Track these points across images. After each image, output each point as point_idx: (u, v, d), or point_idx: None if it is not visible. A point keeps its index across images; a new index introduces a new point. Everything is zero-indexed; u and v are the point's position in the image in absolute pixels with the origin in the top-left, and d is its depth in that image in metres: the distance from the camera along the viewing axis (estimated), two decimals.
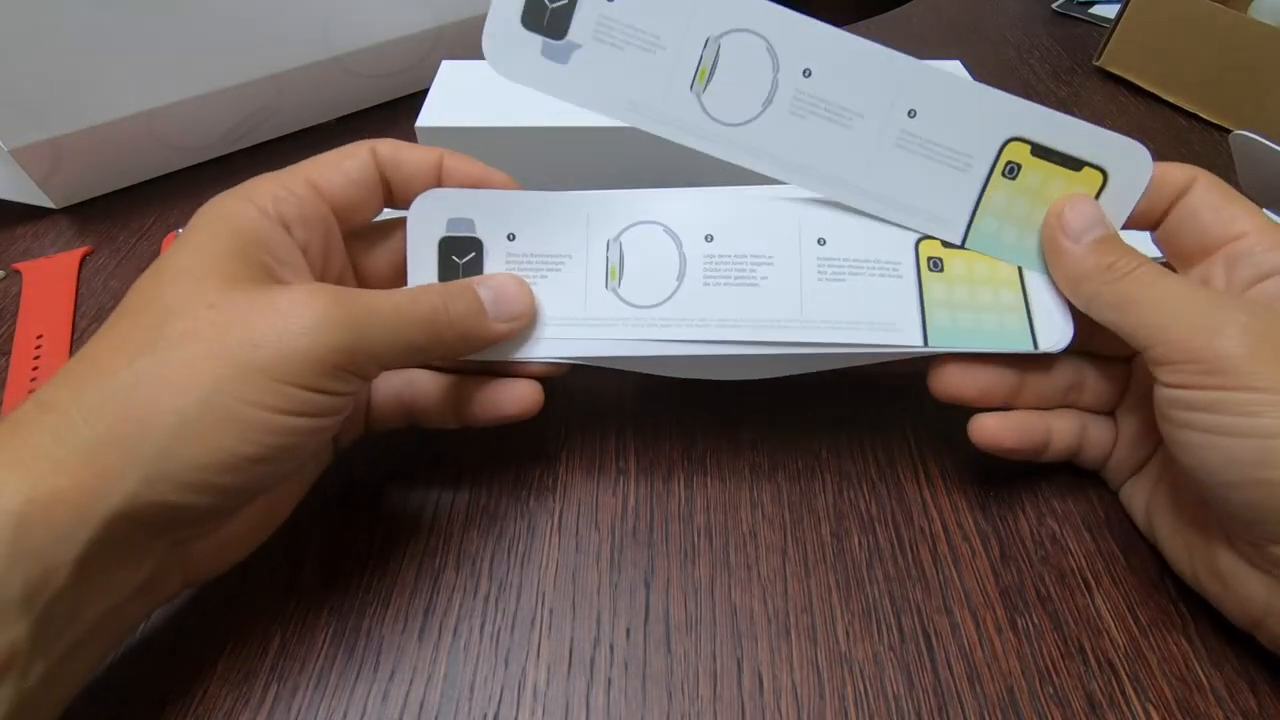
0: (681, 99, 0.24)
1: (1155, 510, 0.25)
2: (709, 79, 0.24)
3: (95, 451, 0.18)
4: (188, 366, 0.19)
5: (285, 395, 0.19)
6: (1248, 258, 0.23)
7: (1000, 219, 0.25)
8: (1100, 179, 0.25)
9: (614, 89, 0.24)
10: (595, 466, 0.28)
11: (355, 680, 0.23)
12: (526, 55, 0.24)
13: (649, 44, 0.24)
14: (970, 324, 0.25)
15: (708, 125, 0.25)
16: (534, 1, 0.24)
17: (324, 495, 0.26)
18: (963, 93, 0.24)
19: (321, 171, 0.24)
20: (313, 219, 0.23)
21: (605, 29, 0.24)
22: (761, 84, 0.24)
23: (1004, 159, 0.25)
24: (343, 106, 0.48)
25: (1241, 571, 0.22)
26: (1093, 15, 0.61)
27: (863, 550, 0.26)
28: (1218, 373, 0.20)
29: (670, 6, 0.24)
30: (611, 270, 0.25)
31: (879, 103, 0.25)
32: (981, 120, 0.25)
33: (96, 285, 0.37)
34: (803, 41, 0.24)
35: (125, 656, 0.23)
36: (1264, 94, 0.45)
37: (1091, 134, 0.24)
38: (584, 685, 0.23)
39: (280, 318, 0.19)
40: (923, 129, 0.25)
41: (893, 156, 0.25)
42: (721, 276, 0.25)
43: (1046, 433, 0.26)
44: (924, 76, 0.24)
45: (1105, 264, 0.23)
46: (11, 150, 0.36)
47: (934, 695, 0.22)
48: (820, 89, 0.25)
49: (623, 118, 0.24)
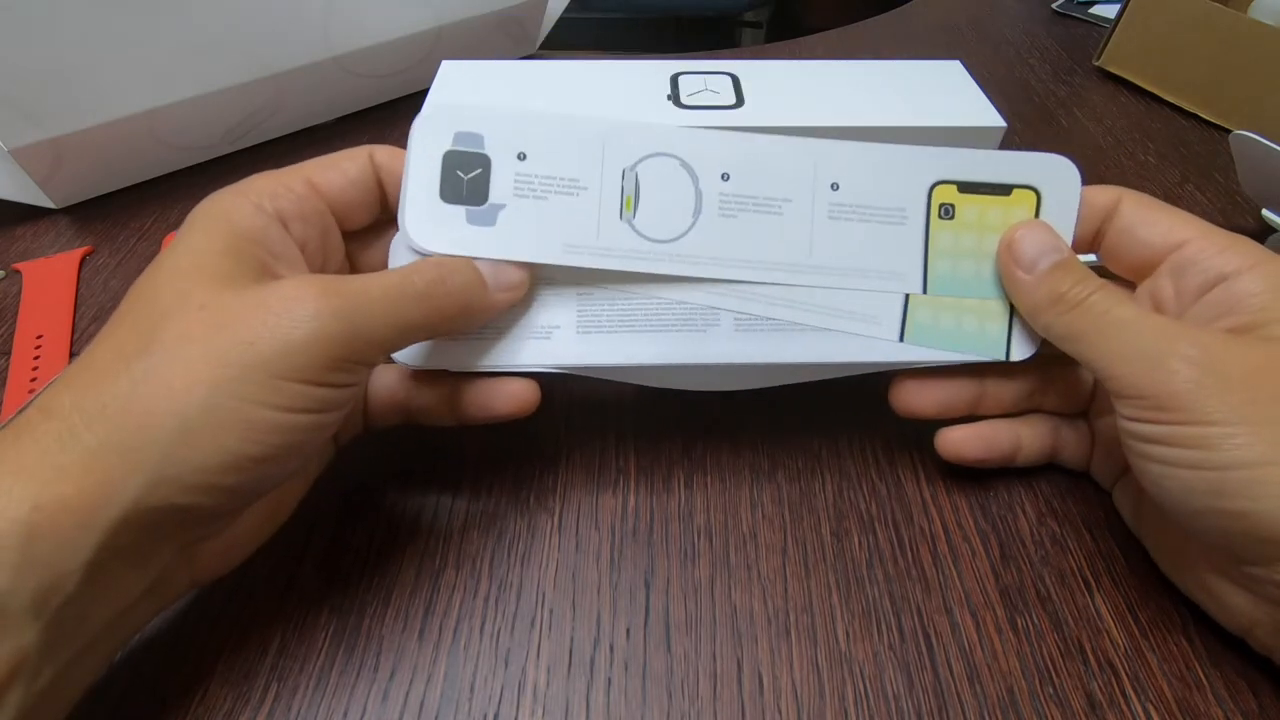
0: (614, 229, 0.25)
1: (1142, 517, 0.25)
2: (635, 205, 0.25)
3: (98, 458, 0.18)
4: (184, 369, 0.18)
5: (286, 392, 0.19)
6: (1192, 266, 0.23)
7: (953, 259, 0.26)
8: (1034, 197, 0.25)
9: (547, 236, 0.24)
10: (595, 466, 0.28)
11: (355, 680, 0.23)
12: (454, 226, 0.24)
13: (570, 188, 0.25)
14: (951, 325, 0.25)
15: (646, 247, 0.25)
16: (449, 176, 0.24)
17: (324, 495, 0.26)
18: (874, 156, 0.25)
19: (320, 171, 0.24)
20: (311, 216, 0.23)
21: (524, 184, 0.24)
22: (686, 197, 0.25)
23: (935, 203, 0.26)
24: (343, 106, 0.48)
25: (1224, 586, 0.22)
26: (1093, 15, 0.61)
27: (863, 550, 0.26)
28: (1166, 409, 0.20)
29: (580, 151, 0.25)
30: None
31: (801, 185, 0.25)
32: (898, 176, 0.25)
33: (96, 285, 0.37)
34: (711, 151, 0.25)
35: (125, 656, 0.23)
36: (1264, 94, 0.45)
37: (1009, 159, 0.25)
38: (584, 685, 0.23)
39: (272, 313, 0.19)
40: (849, 198, 0.25)
41: (831, 229, 0.26)
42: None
43: (1014, 440, 0.27)
44: (833, 151, 0.25)
45: (1057, 294, 0.23)
46: (11, 150, 0.36)
47: (934, 695, 0.22)
48: (741, 187, 0.25)
49: (563, 260, 0.25)
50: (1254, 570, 0.20)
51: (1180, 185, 0.43)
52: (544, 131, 0.25)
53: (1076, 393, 0.27)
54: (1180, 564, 0.24)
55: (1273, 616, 0.21)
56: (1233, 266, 0.22)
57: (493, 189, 0.24)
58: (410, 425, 0.27)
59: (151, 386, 0.18)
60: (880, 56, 0.50)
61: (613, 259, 0.25)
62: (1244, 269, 0.22)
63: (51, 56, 0.35)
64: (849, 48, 0.57)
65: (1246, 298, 0.21)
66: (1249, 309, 0.21)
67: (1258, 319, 0.21)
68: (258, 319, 0.19)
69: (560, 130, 0.25)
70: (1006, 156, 0.25)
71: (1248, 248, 0.22)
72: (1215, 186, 0.43)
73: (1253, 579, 0.21)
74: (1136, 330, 0.21)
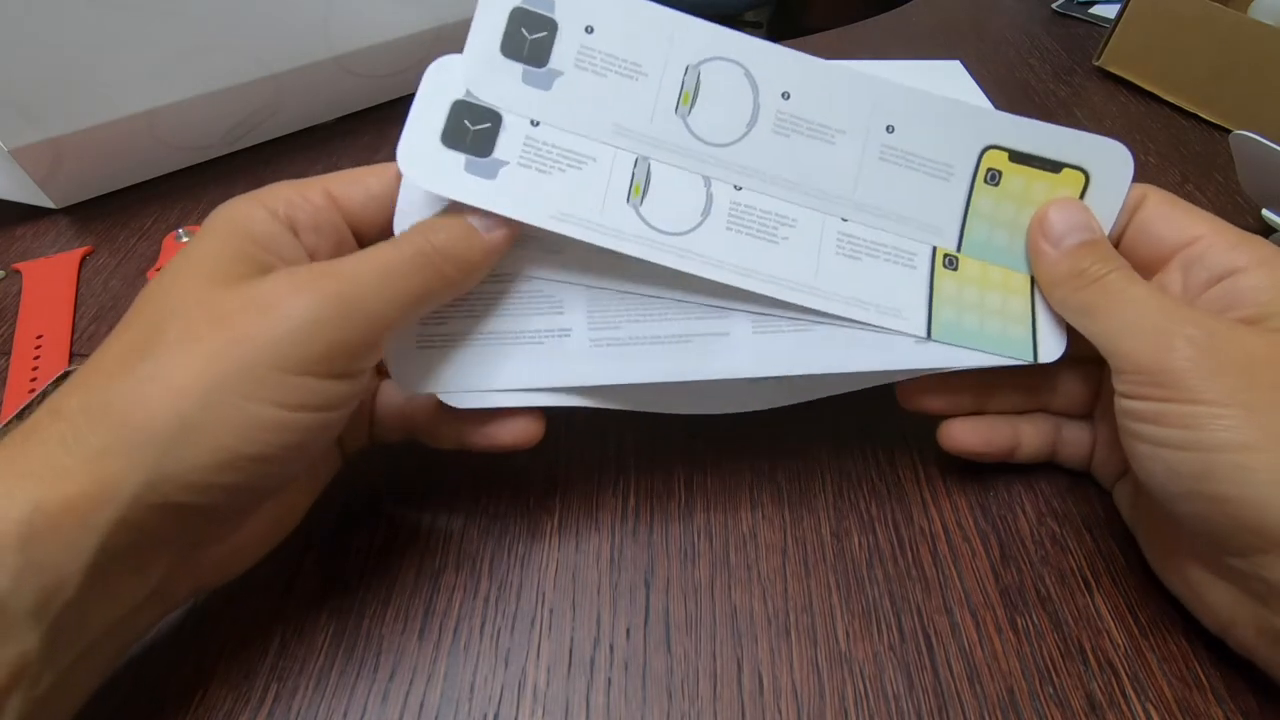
0: (667, 121, 0.25)
1: (1137, 514, 0.25)
2: (693, 101, 0.25)
3: (100, 458, 0.18)
4: (185, 368, 0.18)
5: (286, 386, 0.19)
6: (1201, 260, 0.23)
7: (989, 225, 0.26)
8: (1082, 179, 0.25)
9: (600, 115, 0.24)
10: (595, 466, 0.28)
11: (355, 680, 0.23)
12: (510, 79, 0.24)
13: (631, 71, 0.24)
14: (974, 326, 0.25)
15: (696, 146, 0.25)
16: (513, 32, 0.24)
17: (324, 495, 0.26)
18: (934, 106, 0.25)
19: (342, 184, 0.24)
20: (324, 227, 0.23)
21: (586, 57, 0.24)
22: (744, 106, 0.25)
23: (984, 167, 0.25)
24: (343, 106, 0.48)
25: (1206, 579, 0.22)
26: (1093, 15, 0.61)
27: (863, 550, 0.26)
28: (1163, 385, 0.21)
29: (648, 37, 0.24)
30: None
31: (857, 120, 0.25)
32: (955, 132, 0.25)
33: (96, 285, 0.37)
34: (778, 67, 0.25)
35: (126, 656, 0.23)
36: (1264, 94, 0.45)
37: (1066, 136, 0.25)
38: (584, 685, 0.23)
39: (265, 306, 0.19)
40: (902, 142, 0.25)
41: (879, 170, 0.25)
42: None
43: (1014, 437, 0.27)
44: (895, 93, 0.25)
45: (1078, 269, 0.23)
46: (11, 150, 0.36)
47: (934, 695, 0.22)
48: (800, 109, 0.25)
49: (610, 140, 0.24)
50: (1235, 562, 0.20)
51: (1180, 185, 0.43)
52: (617, 9, 0.24)
53: (1082, 395, 0.27)
54: (1166, 558, 0.24)
55: (1253, 613, 0.21)
56: (1241, 262, 0.22)
57: (554, 54, 0.24)
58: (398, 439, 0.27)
59: (154, 386, 0.18)
60: (880, 56, 0.50)
61: (662, 151, 0.24)
62: (1251, 265, 0.22)
63: (51, 56, 0.35)
64: (849, 48, 0.57)
65: (1252, 292, 0.22)
66: (1254, 303, 0.21)
67: (1262, 312, 0.21)
68: (252, 313, 0.19)
69: (633, 11, 0.24)
70: (1064, 134, 0.25)
71: (1257, 245, 0.22)
72: (1215, 186, 0.43)
73: (1234, 572, 0.21)
74: (1145, 307, 0.22)
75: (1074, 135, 0.25)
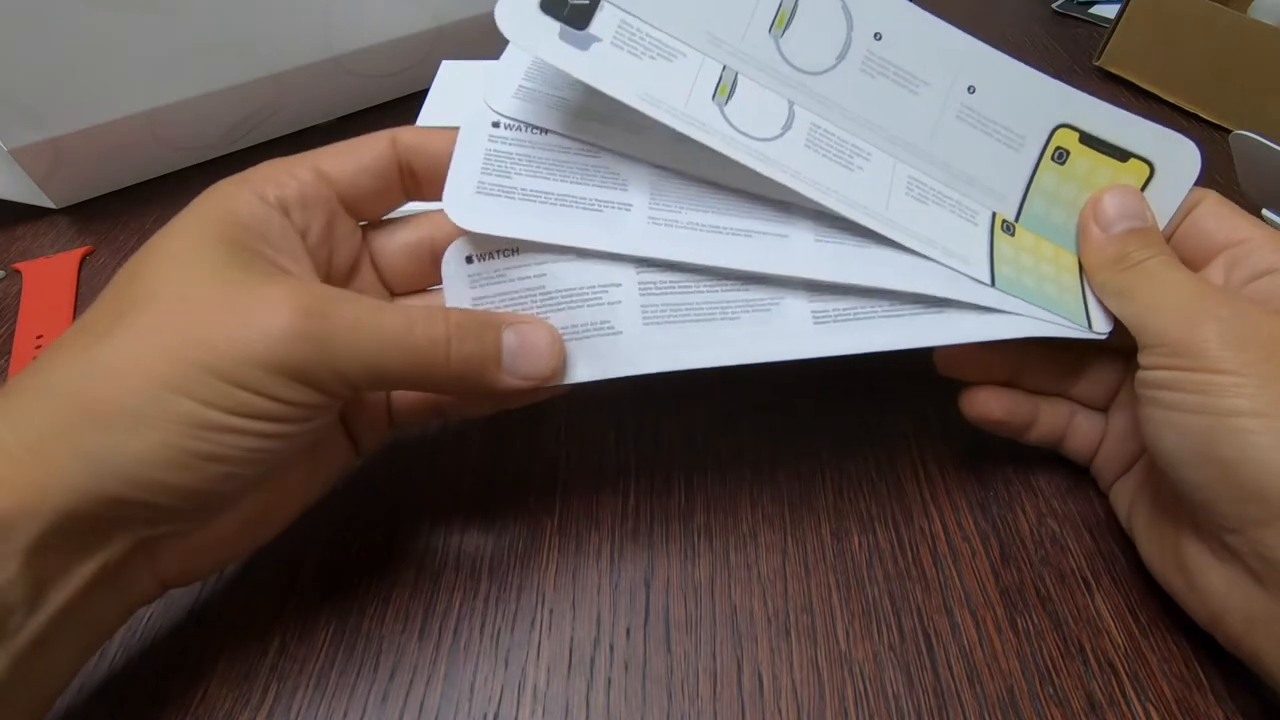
0: (759, 39, 0.25)
1: (1136, 505, 0.25)
2: (787, 24, 0.25)
3: (44, 442, 0.17)
4: (138, 360, 0.18)
5: (237, 398, 0.18)
6: (1246, 259, 0.23)
7: (1049, 201, 0.26)
8: (1147, 171, 0.25)
9: (697, 18, 0.24)
10: (595, 466, 0.28)
11: (355, 680, 0.23)
12: None
13: None
14: (1033, 285, 0.25)
15: (784, 69, 0.25)
16: None
17: (324, 495, 0.26)
18: (1017, 75, 0.25)
19: (332, 158, 0.23)
20: (313, 202, 0.22)
21: None
22: (836, 39, 0.25)
23: (1053, 144, 0.26)
24: (343, 106, 0.48)
25: (1204, 563, 0.22)
26: (1093, 15, 0.61)
27: (863, 550, 0.26)
28: (1185, 355, 0.21)
29: None
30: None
31: (942, 74, 0.25)
32: (1033, 104, 0.25)
33: (96, 285, 0.37)
34: (876, 5, 0.25)
35: (125, 656, 0.23)
36: (1264, 94, 0.45)
37: (1139, 126, 0.25)
38: (584, 685, 0.23)
39: (243, 321, 0.18)
40: (981, 105, 0.26)
41: (955, 127, 0.26)
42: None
43: (1033, 413, 0.27)
44: (983, 55, 0.25)
45: (1122, 254, 0.24)
46: (11, 150, 0.36)
47: (934, 695, 0.22)
48: (890, 53, 0.25)
49: (700, 45, 0.24)
50: (1234, 539, 0.20)
51: None
52: None
53: (1106, 385, 0.27)
54: (1162, 548, 0.24)
55: (1244, 599, 0.21)
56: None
57: None
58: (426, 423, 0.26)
59: (105, 373, 0.18)
60: None
61: (749, 67, 0.25)
62: None
63: (51, 56, 0.35)
64: None
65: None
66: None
67: None
68: (229, 323, 0.18)
69: None
70: (1137, 124, 0.25)
71: None
72: (1215, 186, 0.43)
73: (1231, 550, 0.21)
74: (1182, 289, 0.22)
75: (1148, 127, 0.25)
